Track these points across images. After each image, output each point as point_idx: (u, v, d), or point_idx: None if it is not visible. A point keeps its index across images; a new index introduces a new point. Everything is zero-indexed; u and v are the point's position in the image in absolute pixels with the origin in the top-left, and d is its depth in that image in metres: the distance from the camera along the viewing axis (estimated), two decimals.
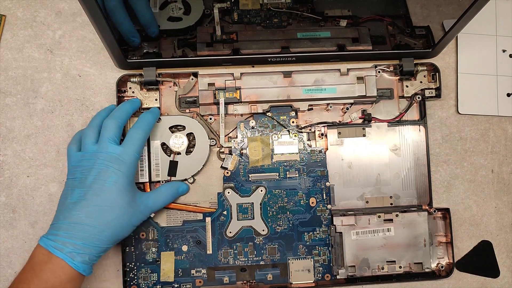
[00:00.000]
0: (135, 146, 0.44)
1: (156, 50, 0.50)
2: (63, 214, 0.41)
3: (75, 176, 0.43)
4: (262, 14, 0.52)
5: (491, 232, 0.53)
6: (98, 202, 0.41)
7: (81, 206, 0.41)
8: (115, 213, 0.41)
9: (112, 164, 0.42)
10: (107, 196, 0.41)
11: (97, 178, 0.41)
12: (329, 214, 0.50)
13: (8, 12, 0.51)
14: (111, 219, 0.41)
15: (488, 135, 0.54)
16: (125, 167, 0.42)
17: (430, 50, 0.50)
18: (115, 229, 0.42)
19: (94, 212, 0.41)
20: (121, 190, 0.42)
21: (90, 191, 0.41)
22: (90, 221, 0.40)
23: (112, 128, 0.44)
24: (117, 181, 0.42)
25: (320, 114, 0.52)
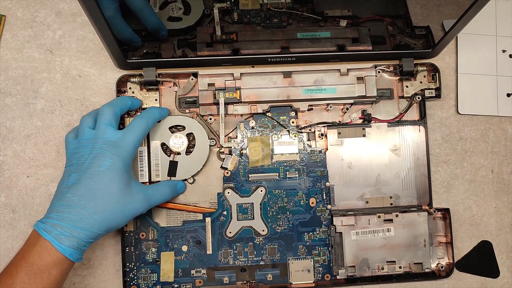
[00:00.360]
0: (135, 134, 0.43)
1: (156, 50, 0.50)
2: (57, 197, 0.41)
3: (72, 163, 0.42)
4: (262, 14, 0.52)
5: (491, 232, 0.53)
6: (91, 185, 0.40)
7: (75, 189, 0.40)
8: (108, 196, 0.40)
9: (109, 149, 0.41)
10: (101, 179, 0.40)
11: (92, 162, 0.41)
12: (329, 214, 0.50)
13: (8, 12, 0.51)
14: (103, 202, 0.40)
15: (488, 135, 0.54)
16: (122, 152, 0.42)
17: (430, 50, 0.50)
18: (107, 213, 0.40)
19: (86, 194, 0.40)
20: (116, 175, 0.41)
21: (85, 175, 0.41)
22: (81, 204, 0.40)
23: (108, 113, 0.43)
24: (112, 165, 0.41)
25: (320, 114, 0.52)
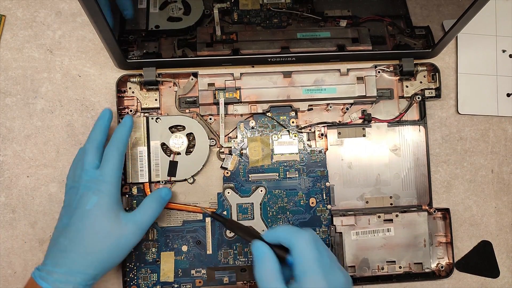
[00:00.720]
0: (112, 164, 0.42)
1: (156, 50, 0.50)
2: (51, 242, 0.41)
3: (64, 204, 0.43)
4: (262, 14, 0.52)
5: (491, 232, 0.53)
6: (80, 226, 0.40)
7: (66, 232, 0.40)
8: (97, 236, 0.40)
9: (93, 185, 0.41)
10: (89, 219, 0.40)
11: (79, 202, 0.41)
12: (329, 214, 0.50)
13: (8, 12, 0.51)
14: (93, 242, 0.40)
15: (488, 135, 0.54)
16: (106, 187, 0.41)
17: (430, 50, 0.50)
18: (99, 253, 0.40)
19: (76, 237, 0.40)
20: (103, 212, 0.41)
21: (74, 216, 0.41)
22: (72, 247, 0.40)
23: (90, 151, 0.43)
24: (98, 202, 0.41)
25: (320, 114, 0.52)
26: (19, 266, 0.48)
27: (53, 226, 0.49)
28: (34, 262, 0.48)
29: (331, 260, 0.38)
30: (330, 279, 0.36)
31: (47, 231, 0.49)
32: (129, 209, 0.48)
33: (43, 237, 0.49)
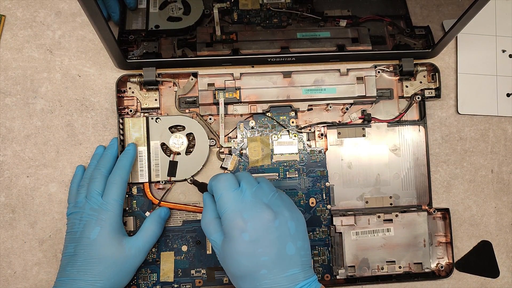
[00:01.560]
0: (114, 193, 0.44)
1: (156, 50, 0.50)
2: (60, 271, 0.43)
3: (68, 230, 0.45)
4: (261, 14, 0.52)
5: (491, 232, 0.53)
6: (86, 255, 0.42)
7: (73, 261, 0.42)
8: (103, 264, 0.42)
9: (96, 214, 0.43)
10: (94, 249, 0.42)
11: (83, 231, 0.43)
12: (328, 214, 0.50)
13: (8, 12, 0.51)
14: (100, 271, 0.42)
15: (488, 135, 0.54)
16: (108, 216, 0.43)
17: (430, 50, 0.50)
18: (107, 280, 0.42)
19: (83, 266, 0.42)
20: (106, 241, 0.43)
21: (79, 246, 0.43)
22: (80, 276, 0.41)
23: (97, 179, 0.45)
24: (101, 232, 0.43)
25: (320, 114, 0.52)
26: (19, 266, 0.48)
27: (53, 226, 0.49)
28: (34, 262, 0.48)
29: (254, 197, 0.40)
30: (246, 217, 0.39)
31: (47, 231, 0.49)
32: (128, 209, 0.48)
33: (43, 237, 0.49)
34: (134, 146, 0.48)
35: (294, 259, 0.39)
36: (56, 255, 0.49)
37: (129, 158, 0.47)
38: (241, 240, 0.38)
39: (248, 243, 0.38)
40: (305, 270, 0.40)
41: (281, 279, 0.38)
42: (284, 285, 0.38)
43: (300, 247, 0.40)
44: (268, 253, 0.38)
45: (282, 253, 0.39)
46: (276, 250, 0.39)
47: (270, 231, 0.39)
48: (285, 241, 0.39)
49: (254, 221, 0.39)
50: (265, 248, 0.38)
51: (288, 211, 0.41)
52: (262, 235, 0.39)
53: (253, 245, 0.38)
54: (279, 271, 0.38)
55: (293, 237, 0.40)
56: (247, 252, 0.38)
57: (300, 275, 0.39)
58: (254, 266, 0.38)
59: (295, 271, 0.39)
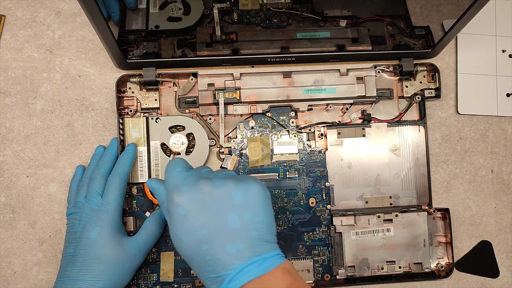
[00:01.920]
0: (114, 193, 0.44)
1: (155, 50, 0.50)
2: (61, 271, 0.43)
3: (68, 230, 0.44)
4: (261, 14, 0.52)
5: (491, 232, 0.53)
6: (86, 256, 0.42)
7: (72, 262, 0.42)
8: (103, 264, 0.42)
9: (95, 215, 0.43)
10: (94, 249, 0.42)
11: (83, 231, 0.43)
12: (328, 214, 0.50)
13: (8, 12, 0.51)
14: (100, 271, 0.41)
15: (488, 135, 0.54)
16: (107, 216, 0.43)
17: (430, 50, 0.50)
18: (108, 280, 0.42)
19: (83, 266, 0.42)
20: (106, 241, 0.42)
21: (79, 246, 0.42)
22: (80, 276, 0.41)
23: (97, 179, 0.45)
24: (101, 232, 0.42)
25: (320, 114, 0.52)
26: (19, 266, 0.48)
27: (52, 226, 0.49)
28: (34, 262, 0.48)
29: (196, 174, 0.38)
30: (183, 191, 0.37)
31: (47, 231, 0.49)
32: (128, 209, 0.48)
33: (43, 237, 0.49)
34: (134, 146, 0.48)
35: (238, 232, 0.35)
36: (56, 255, 0.49)
37: (129, 158, 0.47)
38: (178, 215, 0.36)
39: (184, 217, 0.36)
40: (255, 246, 0.35)
41: (223, 255, 0.35)
42: (227, 262, 0.35)
43: (248, 220, 0.36)
44: (206, 226, 0.35)
45: (223, 226, 0.35)
46: (215, 222, 0.35)
47: (207, 202, 0.36)
48: (225, 212, 0.36)
49: (189, 193, 0.36)
50: (203, 221, 0.36)
51: (235, 182, 0.37)
52: (199, 207, 0.36)
53: (190, 219, 0.36)
54: (220, 246, 0.35)
55: (238, 208, 0.36)
56: (186, 227, 0.36)
57: (247, 251, 0.35)
58: (195, 242, 0.36)
59: (239, 246, 0.35)
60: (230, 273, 0.34)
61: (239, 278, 0.34)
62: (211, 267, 0.35)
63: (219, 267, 0.35)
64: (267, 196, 0.38)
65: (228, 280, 0.34)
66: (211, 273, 0.35)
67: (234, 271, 0.34)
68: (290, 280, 0.35)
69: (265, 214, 0.37)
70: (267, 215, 0.37)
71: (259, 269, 0.34)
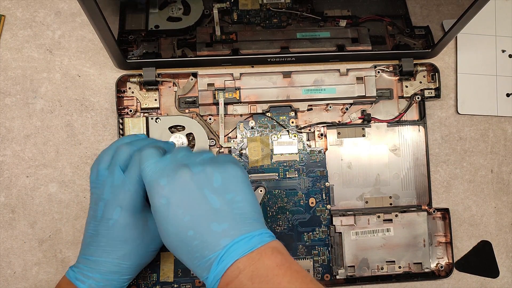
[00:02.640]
0: (138, 171, 0.40)
1: (155, 50, 0.50)
2: (83, 248, 0.41)
3: (91, 205, 0.42)
4: (261, 14, 0.52)
5: (491, 232, 0.53)
6: (109, 236, 0.39)
7: (96, 242, 0.40)
8: (128, 245, 0.40)
9: (116, 193, 0.40)
10: (116, 232, 0.40)
11: (104, 212, 0.40)
12: (328, 214, 0.50)
13: (8, 12, 0.51)
14: (124, 250, 0.40)
15: (488, 135, 0.54)
16: (130, 196, 0.39)
17: (430, 50, 0.50)
18: (133, 260, 0.40)
19: (107, 246, 0.40)
20: (129, 221, 0.39)
21: (100, 226, 0.40)
22: (106, 257, 0.39)
23: (123, 154, 0.41)
24: (122, 212, 0.39)
25: (320, 114, 0.52)
26: (19, 266, 0.48)
27: (52, 226, 0.49)
28: (34, 262, 0.48)
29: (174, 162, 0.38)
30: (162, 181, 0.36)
31: (47, 231, 0.49)
32: None
33: (43, 237, 0.49)
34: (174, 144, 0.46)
35: (221, 212, 0.35)
36: (56, 255, 0.49)
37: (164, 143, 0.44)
38: (162, 207, 0.36)
39: (167, 207, 0.36)
40: (239, 224, 0.35)
41: (209, 236, 0.35)
42: (214, 242, 0.34)
43: (230, 199, 0.36)
44: (189, 211, 0.35)
45: (206, 208, 0.35)
46: (196, 206, 0.35)
47: (187, 188, 0.36)
48: (206, 195, 0.36)
49: (170, 183, 0.36)
50: (185, 207, 0.35)
51: (213, 167, 0.37)
52: (180, 195, 0.36)
53: (173, 208, 0.35)
54: (205, 228, 0.35)
55: (218, 189, 0.36)
56: (170, 217, 0.35)
57: (232, 230, 0.35)
58: (180, 230, 0.35)
59: (224, 225, 0.35)
60: (219, 254, 0.34)
61: (227, 257, 0.34)
62: (199, 252, 0.35)
63: (207, 249, 0.34)
64: (246, 176, 0.38)
65: (217, 261, 0.34)
66: (200, 259, 0.35)
67: (222, 251, 0.34)
68: (280, 259, 0.34)
69: (245, 193, 0.37)
70: (247, 193, 0.37)
71: (246, 246, 0.34)
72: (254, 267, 0.34)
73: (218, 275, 0.34)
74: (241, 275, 0.33)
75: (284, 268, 0.34)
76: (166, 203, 0.36)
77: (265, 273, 0.33)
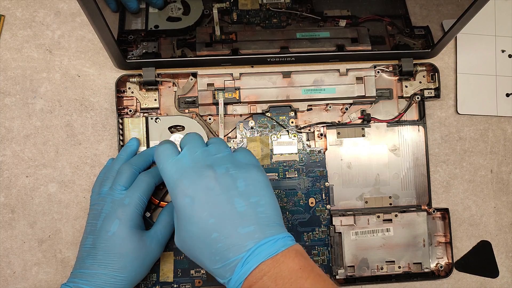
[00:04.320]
0: (141, 189, 0.42)
1: (155, 50, 0.50)
2: (79, 262, 0.41)
3: (88, 221, 0.43)
4: (261, 14, 0.52)
5: (490, 232, 0.53)
6: (106, 250, 0.40)
7: (93, 255, 0.41)
8: (124, 258, 0.40)
9: (116, 208, 0.41)
10: (113, 244, 0.40)
11: (103, 225, 0.41)
12: (328, 214, 0.50)
13: (7, 12, 0.51)
14: (121, 264, 0.40)
15: (487, 135, 0.54)
16: (129, 211, 0.41)
17: (429, 50, 0.50)
18: (129, 273, 0.41)
19: (104, 259, 0.40)
20: (126, 235, 0.41)
21: (98, 239, 0.41)
22: (102, 270, 0.40)
23: (125, 173, 0.43)
24: (120, 226, 0.41)
25: (319, 114, 0.52)
26: (18, 266, 0.48)
27: (52, 226, 0.49)
28: (33, 263, 0.48)
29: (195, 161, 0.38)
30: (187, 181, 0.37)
31: (46, 231, 0.49)
32: None
33: (42, 237, 0.49)
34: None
35: (246, 216, 0.35)
36: (55, 255, 0.49)
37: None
38: (184, 206, 0.36)
39: (192, 208, 0.36)
40: (264, 228, 0.35)
41: (235, 238, 0.35)
42: (240, 244, 0.35)
43: (254, 203, 0.36)
44: (214, 214, 0.35)
45: (231, 211, 0.35)
46: (222, 209, 0.36)
47: (213, 190, 0.36)
48: (231, 198, 0.36)
49: (194, 184, 0.36)
50: (210, 209, 0.36)
51: (236, 169, 0.38)
52: (205, 197, 0.36)
53: (197, 209, 0.36)
54: (230, 231, 0.35)
55: (243, 193, 0.36)
56: (195, 218, 0.36)
57: (257, 233, 0.35)
58: (204, 232, 0.35)
59: (249, 228, 0.35)
60: (243, 256, 0.34)
61: (252, 259, 0.34)
62: (221, 255, 0.35)
63: (231, 252, 0.35)
64: (268, 179, 0.39)
65: (242, 263, 0.34)
66: (222, 261, 0.35)
67: (246, 253, 0.34)
68: (303, 262, 0.35)
69: (269, 197, 0.38)
70: (271, 197, 0.38)
71: (271, 249, 0.34)
72: (278, 269, 0.34)
73: (242, 277, 0.34)
74: (265, 277, 0.34)
75: (307, 271, 0.35)
76: (190, 202, 0.36)
77: (289, 275, 0.34)
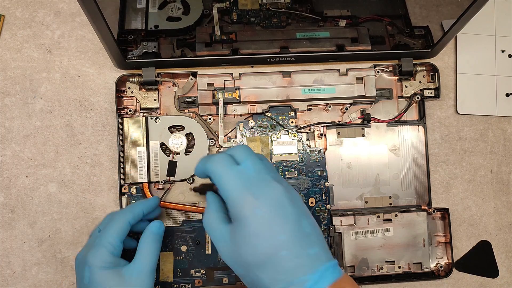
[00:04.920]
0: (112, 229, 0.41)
1: (155, 50, 0.50)
2: None
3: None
4: (261, 14, 0.52)
5: (490, 232, 0.53)
6: None
7: None
8: None
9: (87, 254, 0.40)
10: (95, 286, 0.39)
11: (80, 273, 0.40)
12: (328, 214, 0.50)
13: (7, 12, 0.51)
14: None
15: (487, 135, 0.54)
16: (98, 252, 0.40)
17: (429, 50, 0.50)
18: None
19: None
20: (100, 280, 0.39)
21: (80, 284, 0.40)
22: None
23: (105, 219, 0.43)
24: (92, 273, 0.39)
25: (319, 114, 0.52)
26: (18, 266, 0.48)
27: (52, 226, 0.49)
28: (33, 262, 0.48)
29: (258, 173, 0.36)
30: (256, 193, 0.35)
31: (46, 231, 0.49)
32: None
33: (42, 237, 0.49)
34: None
35: (312, 237, 0.35)
36: (55, 255, 0.49)
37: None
38: (254, 218, 0.34)
39: (262, 220, 0.34)
40: (326, 250, 0.35)
41: (304, 260, 0.33)
42: (307, 265, 0.33)
43: (313, 225, 0.36)
44: (285, 231, 0.33)
45: (300, 231, 0.34)
46: (292, 226, 0.34)
47: (284, 206, 0.34)
48: (300, 217, 0.35)
49: (265, 196, 0.34)
50: (282, 225, 0.34)
51: (293, 188, 0.37)
52: (276, 211, 0.34)
53: (268, 222, 0.34)
54: (300, 250, 0.33)
55: (306, 213, 0.36)
56: (263, 231, 0.33)
57: (323, 255, 0.34)
58: (273, 248, 0.33)
59: (314, 250, 0.34)
60: (311, 277, 0.33)
61: (322, 281, 0.33)
62: (287, 274, 0.33)
63: (300, 271, 0.33)
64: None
65: (311, 284, 0.33)
66: (287, 281, 0.33)
67: (315, 275, 0.33)
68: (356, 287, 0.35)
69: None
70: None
71: (335, 273, 0.34)
72: None
73: None
74: None
75: None
76: (261, 216, 0.34)
77: None
